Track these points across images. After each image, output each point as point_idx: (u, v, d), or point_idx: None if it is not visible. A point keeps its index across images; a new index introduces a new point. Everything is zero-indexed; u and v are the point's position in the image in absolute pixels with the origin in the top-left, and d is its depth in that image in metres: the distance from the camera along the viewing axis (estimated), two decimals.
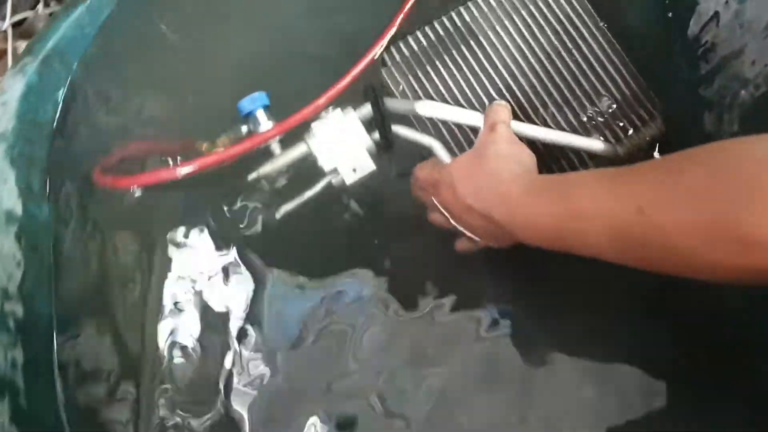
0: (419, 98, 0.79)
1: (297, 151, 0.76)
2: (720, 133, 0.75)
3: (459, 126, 0.78)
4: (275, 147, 0.77)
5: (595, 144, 0.78)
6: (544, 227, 0.60)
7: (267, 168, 0.76)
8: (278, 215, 0.75)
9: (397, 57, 0.80)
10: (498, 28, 0.81)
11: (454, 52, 0.80)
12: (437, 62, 0.80)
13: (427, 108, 0.76)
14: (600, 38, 0.81)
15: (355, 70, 0.77)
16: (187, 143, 0.77)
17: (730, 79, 0.74)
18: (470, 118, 0.76)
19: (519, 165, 0.67)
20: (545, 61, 0.80)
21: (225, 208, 0.81)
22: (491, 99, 0.79)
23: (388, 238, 0.80)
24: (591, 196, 0.56)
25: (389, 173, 0.79)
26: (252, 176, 0.76)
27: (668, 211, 0.48)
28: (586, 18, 0.81)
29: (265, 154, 0.75)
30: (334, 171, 0.75)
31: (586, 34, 0.81)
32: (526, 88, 0.79)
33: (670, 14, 0.84)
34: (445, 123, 0.78)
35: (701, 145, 0.51)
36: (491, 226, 0.66)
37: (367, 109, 0.77)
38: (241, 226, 0.82)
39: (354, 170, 0.76)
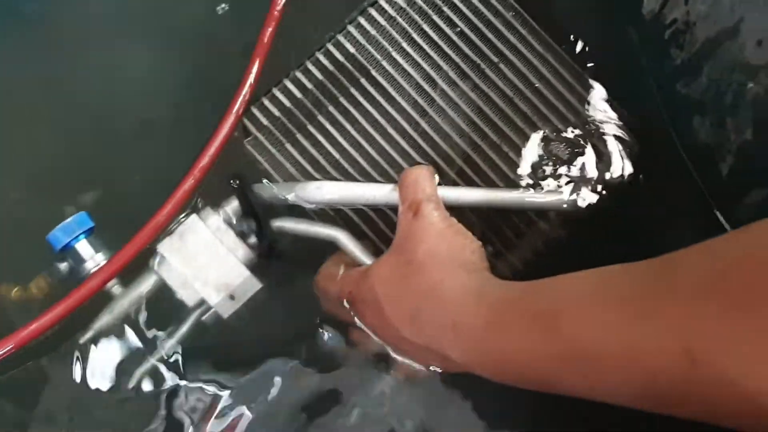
0: (306, 174, 0.56)
1: (145, 286, 0.53)
2: (726, 145, 0.53)
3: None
4: (114, 287, 0.53)
5: (558, 199, 0.55)
6: (527, 372, 0.41)
7: (105, 319, 0.53)
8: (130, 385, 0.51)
9: (265, 121, 0.57)
10: (394, 53, 0.58)
11: (341, 98, 0.57)
12: (320, 117, 0.57)
13: (316, 191, 0.53)
14: (531, 40, 0.59)
15: (206, 155, 0.53)
16: None
17: (726, 68, 0.52)
18: (380, 194, 0.53)
19: (464, 268, 0.46)
20: (465, 87, 0.58)
21: None
22: (404, 155, 0.56)
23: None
24: (597, 330, 0.36)
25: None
26: (86, 337, 0.52)
27: (738, 361, 0.30)
28: (508, 17, 0.59)
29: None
30: (202, 304, 0.51)
31: (512, 39, 0.59)
32: (447, 129, 0.57)
33: None
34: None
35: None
36: (444, 364, 0.47)
37: (234, 205, 0.54)
38: None
39: (231, 297, 0.52)
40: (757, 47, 0.49)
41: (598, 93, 0.60)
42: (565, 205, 0.56)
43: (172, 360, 0.55)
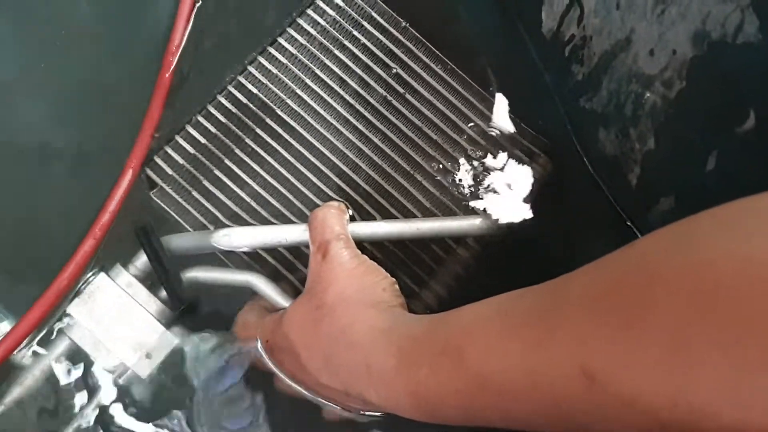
0: (216, 221, 0.54)
1: (57, 352, 0.51)
2: (632, 156, 0.53)
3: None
4: (21, 356, 0.50)
5: (474, 223, 0.55)
6: (443, 408, 0.39)
7: (16, 391, 0.51)
8: None
9: (169, 171, 0.55)
10: (298, 91, 0.57)
11: (247, 139, 0.56)
12: (227, 161, 0.56)
13: (224, 238, 0.51)
14: (436, 68, 0.59)
15: (105, 212, 0.51)
16: None
17: (623, 79, 0.53)
18: (291, 236, 0.51)
19: (376, 308, 0.45)
20: (373, 119, 0.57)
21: None
22: (317, 192, 0.55)
23: None
24: (500, 360, 0.35)
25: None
26: None
27: (632, 376, 0.29)
28: (410, 46, 0.59)
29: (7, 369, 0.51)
30: (120, 367, 0.49)
31: (417, 68, 0.59)
32: (359, 162, 0.57)
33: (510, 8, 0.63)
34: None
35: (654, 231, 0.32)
36: (366, 406, 0.46)
37: (143, 259, 0.52)
38: None
39: (148, 356, 0.50)
40: (650, 57, 0.50)
41: (504, 114, 0.60)
42: (480, 228, 0.55)
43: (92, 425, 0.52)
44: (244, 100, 0.57)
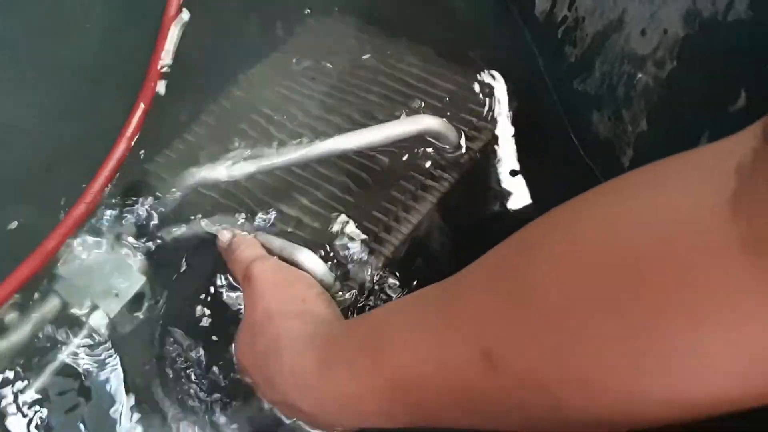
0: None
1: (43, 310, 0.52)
2: (625, 138, 0.53)
3: None
4: (9, 316, 0.52)
5: (424, 122, 0.53)
6: (365, 411, 0.39)
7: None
8: None
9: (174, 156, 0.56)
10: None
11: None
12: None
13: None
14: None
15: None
16: None
17: (615, 60, 0.52)
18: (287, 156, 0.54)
19: (300, 318, 0.45)
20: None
21: None
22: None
23: None
24: (414, 355, 0.35)
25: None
26: None
27: (523, 353, 0.29)
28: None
29: None
30: (93, 309, 0.52)
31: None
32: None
33: None
34: None
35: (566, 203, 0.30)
36: (309, 419, 0.45)
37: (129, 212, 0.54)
38: None
39: (116, 294, 0.53)
40: (642, 37, 0.49)
41: (499, 96, 0.59)
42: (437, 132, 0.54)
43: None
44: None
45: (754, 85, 0.41)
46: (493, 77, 0.60)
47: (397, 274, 0.52)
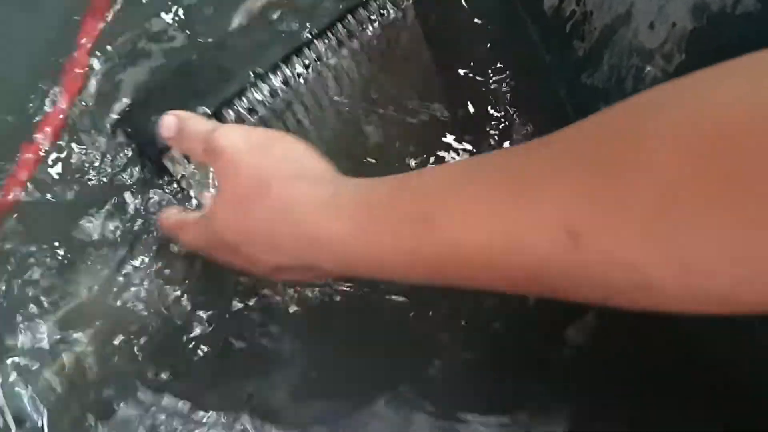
0: None
1: None
2: None
3: None
4: None
5: None
6: (407, 270, 0.38)
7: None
8: None
9: None
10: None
11: None
12: None
13: None
14: None
15: None
16: None
17: (623, 54, 0.52)
18: None
19: (303, 179, 0.41)
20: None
21: None
22: None
23: None
24: (475, 222, 0.33)
25: None
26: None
27: (618, 232, 0.28)
28: None
29: None
30: None
31: None
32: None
33: None
34: None
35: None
36: (321, 274, 0.43)
37: None
38: None
39: None
40: (650, 30, 0.49)
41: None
42: None
43: None
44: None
45: None
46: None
47: None
